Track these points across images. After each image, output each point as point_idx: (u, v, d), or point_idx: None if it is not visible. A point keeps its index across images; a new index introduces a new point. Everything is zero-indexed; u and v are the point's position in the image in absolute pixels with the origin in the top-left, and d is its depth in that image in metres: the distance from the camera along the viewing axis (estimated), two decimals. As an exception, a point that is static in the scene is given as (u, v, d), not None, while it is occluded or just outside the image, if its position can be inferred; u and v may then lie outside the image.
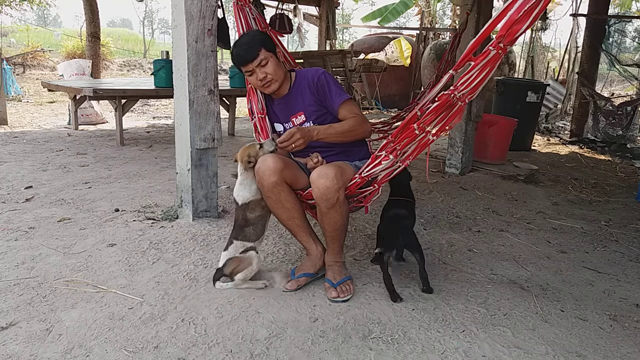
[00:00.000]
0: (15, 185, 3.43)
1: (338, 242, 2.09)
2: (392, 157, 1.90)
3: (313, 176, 1.96)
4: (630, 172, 5.27)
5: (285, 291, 2.05)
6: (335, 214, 1.98)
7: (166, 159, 4.42)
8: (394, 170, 1.99)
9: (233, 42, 2.25)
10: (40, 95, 9.49)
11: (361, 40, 11.79)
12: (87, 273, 2.14)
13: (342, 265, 2.14)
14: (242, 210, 2.07)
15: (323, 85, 2.17)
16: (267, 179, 1.98)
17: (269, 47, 2.14)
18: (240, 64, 2.15)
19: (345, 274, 2.11)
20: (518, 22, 1.61)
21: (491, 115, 5.68)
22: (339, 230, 2.05)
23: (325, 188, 1.91)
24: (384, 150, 1.93)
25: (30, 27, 19.29)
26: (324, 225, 2.06)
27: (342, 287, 2.03)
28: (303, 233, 2.15)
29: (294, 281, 2.08)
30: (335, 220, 2.01)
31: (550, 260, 2.62)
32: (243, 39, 2.19)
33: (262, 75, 2.13)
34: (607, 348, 1.78)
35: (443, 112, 1.80)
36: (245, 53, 2.11)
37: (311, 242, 2.17)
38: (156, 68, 5.03)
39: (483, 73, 1.71)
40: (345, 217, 2.03)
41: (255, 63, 2.10)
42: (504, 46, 1.65)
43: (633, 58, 8.02)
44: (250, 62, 2.11)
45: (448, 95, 1.75)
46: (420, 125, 1.82)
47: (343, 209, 2.00)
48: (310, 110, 2.21)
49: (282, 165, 1.99)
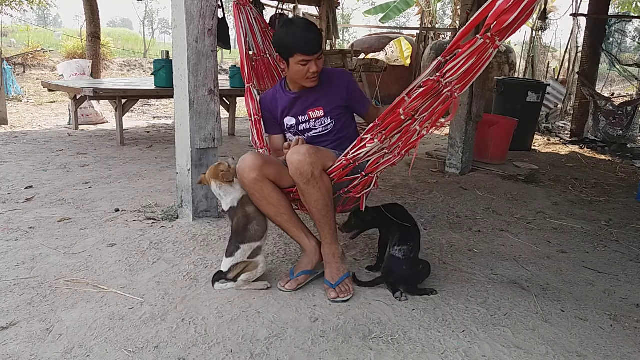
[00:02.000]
0: (16, 185, 3.43)
1: (328, 225, 2.07)
2: (377, 141, 1.90)
3: (287, 156, 2.01)
4: (631, 172, 5.26)
5: (284, 291, 2.04)
6: (313, 189, 1.98)
7: (166, 159, 4.42)
8: (381, 157, 1.97)
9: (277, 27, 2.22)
10: (41, 95, 9.49)
11: (361, 40, 11.79)
12: (87, 273, 2.14)
13: (340, 260, 2.11)
14: (241, 208, 2.07)
15: (356, 89, 2.30)
16: (247, 176, 2.01)
17: None
18: (312, 51, 2.11)
19: (344, 271, 2.09)
20: (507, 12, 1.59)
21: (491, 115, 5.68)
22: (323, 211, 2.03)
23: (298, 162, 1.94)
24: (369, 134, 1.93)
25: (31, 27, 19.30)
26: (309, 209, 2.06)
27: (342, 287, 2.02)
28: (294, 228, 2.15)
29: (294, 281, 2.08)
30: (315, 198, 2.00)
31: (551, 260, 2.62)
32: (311, 29, 2.13)
33: (317, 68, 2.13)
34: (607, 348, 1.78)
35: (429, 100, 1.77)
36: (319, 43, 2.12)
37: (304, 237, 2.16)
38: (156, 68, 5.03)
39: (470, 62, 1.68)
40: (325, 195, 2.01)
41: (317, 55, 2.12)
42: (492, 36, 1.64)
43: (633, 58, 8.00)
44: (317, 52, 2.12)
45: (434, 82, 1.73)
46: (406, 110, 1.79)
47: (321, 185, 1.99)
48: (331, 107, 2.25)
49: (261, 161, 2.02)
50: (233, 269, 2.02)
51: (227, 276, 2.03)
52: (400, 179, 4.06)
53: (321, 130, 2.27)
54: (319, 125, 2.27)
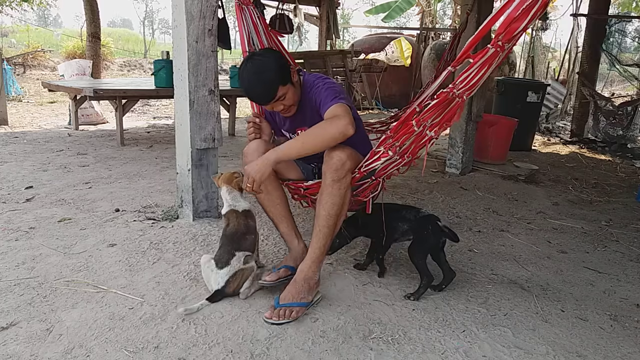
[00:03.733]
0: (16, 186, 3.43)
1: (324, 239, 1.92)
2: (391, 153, 1.89)
3: (331, 148, 1.88)
4: (631, 172, 5.27)
5: (264, 283, 1.99)
6: (337, 191, 1.88)
7: (166, 159, 4.42)
8: (391, 164, 1.96)
9: (239, 68, 2.05)
10: (41, 95, 9.49)
11: (361, 40, 11.79)
12: (87, 273, 2.14)
13: (308, 287, 1.90)
14: (244, 217, 2.06)
15: (316, 96, 2.02)
16: (250, 158, 2.02)
17: (285, 78, 1.96)
18: (261, 103, 2.08)
19: (302, 299, 1.86)
20: (516, 20, 1.61)
21: (491, 115, 5.68)
22: (332, 218, 1.90)
23: (339, 159, 1.87)
24: (382, 146, 1.92)
25: (31, 27, 19.30)
26: (319, 211, 1.92)
27: (284, 311, 1.81)
28: (285, 224, 2.13)
29: (274, 273, 2.03)
30: (333, 201, 1.88)
31: (551, 260, 2.62)
32: (256, 84, 1.97)
33: (280, 108, 2.04)
34: (607, 348, 1.78)
35: (442, 109, 1.80)
36: (261, 99, 2.03)
37: (293, 237, 2.13)
38: (156, 68, 5.03)
39: (482, 71, 1.71)
40: (341, 205, 1.91)
41: (274, 101, 1.99)
42: (503, 44, 1.65)
43: (633, 58, 8.01)
44: (268, 103, 2.02)
45: (447, 94, 1.75)
46: (419, 121, 1.81)
47: (345, 192, 1.91)
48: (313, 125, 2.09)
49: (266, 148, 2.02)
50: (231, 281, 1.92)
51: (226, 291, 1.91)
52: (400, 179, 4.06)
53: None
54: None
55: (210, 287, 1.96)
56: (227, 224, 2.07)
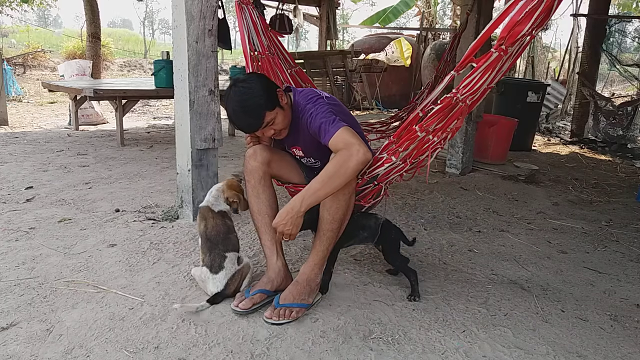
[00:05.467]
0: (16, 186, 3.43)
1: (327, 244, 1.90)
2: (394, 158, 1.89)
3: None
4: (631, 172, 5.27)
5: (238, 311, 1.83)
6: (342, 196, 1.83)
7: (167, 160, 4.42)
8: (394, 169, 1.96)
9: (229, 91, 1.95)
10: (41, 95, 9.49)
11: (361, 41, 11.80)
12: (87, 273, 2.14)
13: (309, 289, 1.90)
14: (221, 217, 2.03)
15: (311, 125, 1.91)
16: (250, 162, 2.03)
17: (272, 103, 1.90)
18: (247, 132, 2.06)
19: (303, 300, 1.86)
20: (520, 24, 1.61)
21: (492, 116, 5.68)
22: (335, 223, 1.88)
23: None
24: (385, 152, 1.92)
25: (31, 27, 19.31)
26: (323, 211, 1.88)
27: (284, 311, 1.81)
28: (268, 236, 2.00)
29: (249, 299, 1.86)
30: (338, 205, 1.85)
31: (551, 260, 2.62)
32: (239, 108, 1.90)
33: (271, 133, 1.99)
34: (607, 348, 1.78)
35: (445, 115, 1.80)
36: (249, 128, 1.98)
37: (273, 253, 2.00)
38: (157, 68, 5.03)
39: (485, 76, 1.71)
40: (346, 209, 1.88)
41: (263, 127, 1.93)
42: (506, 48, 1.65)
43: (633, 58, 8.01)
44: (255, 131, 1.98)
45: (450, 99, 1.75)
46: (423, 127, 1.82)
47: (349, 197, 1.88)
48: (307, 148, 2.10)
49: (268, 155, 2.04)
50: (230, 283, 1.91)
51: (226, 292, 1.90)
52: (400, 179, 4.06)
53: (312, 162, 2.18)
54: (305, 161, 2.20)
55: (209, 293, 1.94)
56: (204, 224, 2.02)
